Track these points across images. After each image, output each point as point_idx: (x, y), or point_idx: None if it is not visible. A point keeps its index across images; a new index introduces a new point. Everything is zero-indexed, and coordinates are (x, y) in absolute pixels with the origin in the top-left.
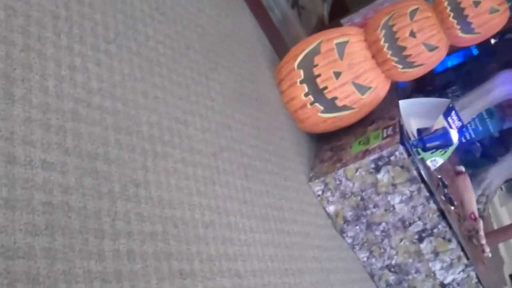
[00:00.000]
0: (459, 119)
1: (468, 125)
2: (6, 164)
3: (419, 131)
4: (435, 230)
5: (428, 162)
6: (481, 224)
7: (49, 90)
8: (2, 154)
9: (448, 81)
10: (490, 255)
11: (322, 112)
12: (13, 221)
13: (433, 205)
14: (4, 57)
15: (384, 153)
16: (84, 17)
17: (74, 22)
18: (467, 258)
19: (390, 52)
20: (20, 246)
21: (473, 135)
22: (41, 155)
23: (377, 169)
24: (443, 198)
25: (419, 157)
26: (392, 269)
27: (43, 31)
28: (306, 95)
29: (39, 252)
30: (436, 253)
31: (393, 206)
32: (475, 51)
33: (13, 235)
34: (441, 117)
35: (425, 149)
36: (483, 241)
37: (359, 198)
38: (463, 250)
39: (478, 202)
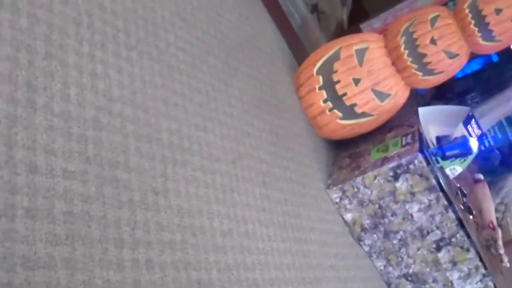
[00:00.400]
0: (479, 127)
1: (487, 132)
2: (27, 174)
3: (439, 139)
4: (453, 239)
5: (447, 171)
6: (499, 233)
7: (70, 98)
8: (24, 163)
9: (468, 87)
10: (508, 265)
11: (341, 118)
12: (34, 230)
13: (451, 214)
14: (27, 65)
15: (403, 161)
16: (106, 24)
17: (96, 29)
18: (485, 268)
19: (410, 59)
20: (41, 256)
21: (492, 143)
22: (62, 164)
23: (396, 177)
24: (462, 207)
25: (438, 165)
26: (409, 278)
27: (65, 39)
28: (325, 101)
29: (59, 262)
30: (454, 263)
31: (411, 214)
32: (495, 58)
33: (33, 245)
34: (460, 125)
35: (444, 158)
36: (502, 251)
37: (377, 206)
38: (481, 259)
39: (496, 210)
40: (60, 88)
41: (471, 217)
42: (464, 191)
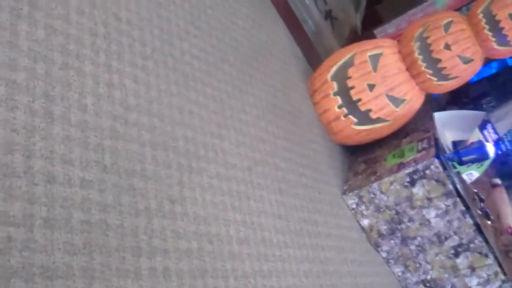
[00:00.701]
0: (495, 132)
1: (504, 137)
2: (45, 184)
3: (455, 144)
4: (471, 245)
5: (464, 176)
6: None
7: (87, 108)
8: (42, 174)
9: (483, 92)
10: None
11: (356, 124)
12: (52, 240)
13: (469, 220)
14: (44, 75)
15: (419, 166)
16: (121, 34)
17: (112, 39)
18: (504, 274)
19: (424, 64)
20: (59, 266)
21: (509, 147)
22: (80, 173)
23: (412, 183)
24: (480, 212)
25: (455, 170)
26: (428, 284)
27: (82, 49)
28: (340, 107)
29: (77, 271)
30: (472, 268)
31: (428, 220)
32: (510, 62)
33: (52, 255)
34: (477, 130)
35: (461, 163)
36: None
37: (393, 212)
38: (500, 265)
39: None
40: (77, 98)
41: (489, 222)
42: (482, 196)
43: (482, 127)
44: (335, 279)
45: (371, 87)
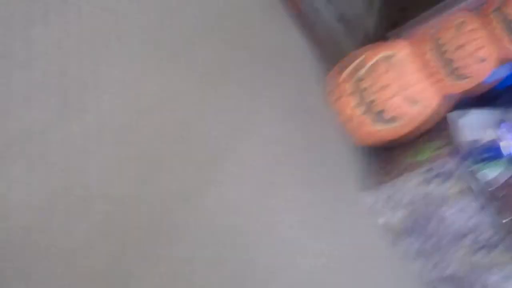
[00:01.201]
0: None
1: None
2: None
3: (471, 142)
4: (490, 241)
5: (481, 174)
6: None
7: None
8: None
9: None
10: None
11: (371, 124)
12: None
13: (486, 217)
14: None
15: (437, 165)
16: (133, 35)
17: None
18: None
19: (438, 64)
20: None
21: None
22: None
23: (429, 181)
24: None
25: (471, 169)
26: (447, 280)
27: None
28: (355, 107)
29: None
30: (491, 265)
31: (445, 217)
32: None
33: None
34: (493, 129)
35: (477, 161)
36: None
37: (412, 209)
38: None
39: None
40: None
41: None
42: (499, 193)
43: (499, 126)
44: (353, 275)
45: (385, 88)
